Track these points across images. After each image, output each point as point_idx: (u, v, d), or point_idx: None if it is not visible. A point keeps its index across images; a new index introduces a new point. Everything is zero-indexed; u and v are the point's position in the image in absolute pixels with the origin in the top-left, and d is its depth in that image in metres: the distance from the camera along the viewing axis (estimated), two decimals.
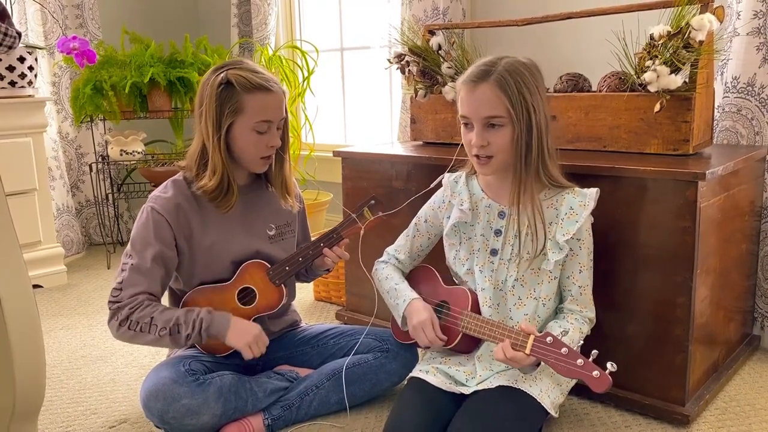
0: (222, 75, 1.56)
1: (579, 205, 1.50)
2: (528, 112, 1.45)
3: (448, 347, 1.58)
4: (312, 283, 2.58)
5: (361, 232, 1.72)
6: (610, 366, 1.30)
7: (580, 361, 1.32)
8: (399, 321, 1.64)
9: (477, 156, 1.50)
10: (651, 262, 1.62)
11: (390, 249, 1.77)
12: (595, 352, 1.32)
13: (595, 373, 1.30)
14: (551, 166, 1.51)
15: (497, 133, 1.47)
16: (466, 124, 1.51)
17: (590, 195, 1.51)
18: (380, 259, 1.77)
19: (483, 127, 1.47)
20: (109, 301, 1.57)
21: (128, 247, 1.61)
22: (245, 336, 1.58)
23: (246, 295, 1.68)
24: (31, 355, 1.15)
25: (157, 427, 1.59)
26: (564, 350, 1.34)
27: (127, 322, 1.54)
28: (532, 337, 1.39)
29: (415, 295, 1.62)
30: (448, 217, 1.65)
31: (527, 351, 1.38)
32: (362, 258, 1.78)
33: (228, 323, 1.58)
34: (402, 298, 1.63)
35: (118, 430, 1.70)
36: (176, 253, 1.62)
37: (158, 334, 1.54)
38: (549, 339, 1.36)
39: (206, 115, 1.57)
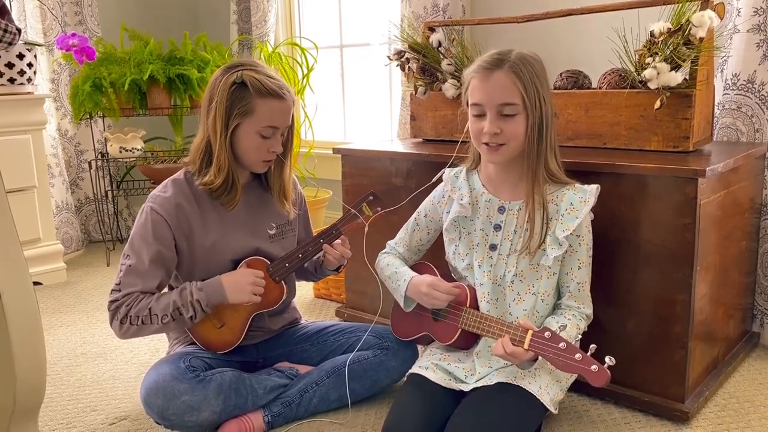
0: (237, 74, 1.56)
1: (579, 201, 1.50)
2: (539, 102, 1.46)
3: (447, 344, 1.58)
4: None
5: (365, 229, 1.72)
6: (609, 360, 1.30)
7: (578, 356, 1.32)
8: (402, 303, 1.64)
9: (487, 144, 1.50)
10: (651, 259, 1.62)
11: (391, 242, 1.78)
12: (593, 346, 1.32)
13: (594, 367, 1.30)
14: (554, 161, 1.51)
15: (510, 122, 1.47)
16: (476, 114, 1.51)
17: (591, 191, 1.51)
18: (383, 251, 1.77)
19: (496, 115, 1.47)
20: (108, 302, 1.57)
21: (126, 247, 1.60)
22: (243, 289, 1.59)
23: None
24: (32, 352, 1.15)
25: (157, 423, 1.59)
26: (562, 345, 1.34)
27: (127, 319, 1.54)
28: (530, 332, 1.39)
29: (414, 273, 1.63)
30: (448, 212, 1.65)
31: (525, 346, 1.38)
32: (365, 252, 1.78)
33: (222, 289, 1.58)
34: (402, 279, 1.63)
35: (118, 426, 1.70)
36: (175, 253, 1.62)
37: (161, 323, 1.55)
38: (547, 334, 1.37)
39: (216, 112, 1.57)
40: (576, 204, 1.50)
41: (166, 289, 1.69)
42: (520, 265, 1.53)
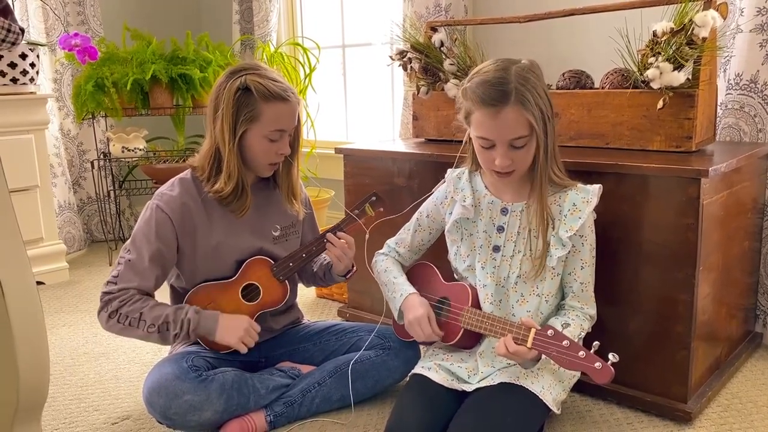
0: (240, 80, 1.55)
1: (582, 201, 1.50)
2: (545, 123, 1.44)
3: (450, 344, 1.58)
4: None
5: (366, 236, 1.72)
6: (612, 357, 1.30)
7: (581, 353, 1.32)
8: (395, 314, 1.64)
9: (497, 171, 1.49)
10: (653, 259, 1.61)
11: (390, 242, 1.77)
12: (596, 343, 1.32)
13: (597, 364, 1.30)
14: (556, 166, 1.51)
15: (521, 151, 1.45)
16: (485, 146, 1.47)
17: (593, 191, 1.51)
18: (380, 251, 1.77)
19: (507, 149, 1.45)
20: (102, 292, 1.57)
21: (129, 241, 1.61)
22: (235, 332, 1.59)
23: (250, 292, 1.69)
24: (35, 351, 1.15)
25: (160, 422, 1.59)
26: (565, 343, 1.34)
27: (117, 315, 1.54)
28: (533, 330, 1.39)
29: (412, 289, 1.63)
30: (450, 213, 1.65)
31: (529, 345, 1.38)
32: (366, 254, 1.78)
33: (215, 323, 1.58)
34: (399, 292, 1.63)
35: (120, 426, 1.70)
36: (177, 252, 1.62)
37: (146, 331, 1.54)
38: (550, 332, 1.37)
39: (222, 120, 1.56)
40: (579, 204, 1.50)
41: (167, 296, 1.69)
42: (524, 266, 1.53)
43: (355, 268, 1.77)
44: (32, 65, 2.72)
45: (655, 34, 1.71)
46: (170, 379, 1.52)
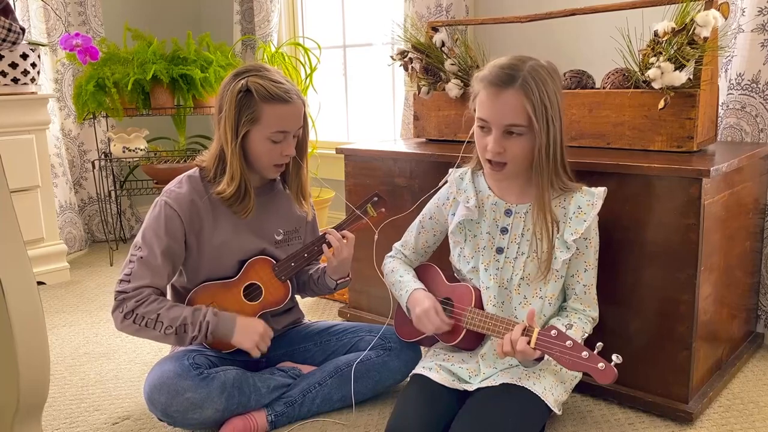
0: (242, 82, 1.56)
1: (587, 204, 1.50)
2: (548, 123, 1.43)
3: (452, 344, 1.58)
4: None
5: (375, 237, 1.72)
6: (616, 358, 1.30)
7: (585, 354, 1.32)
8: (406, 312, 1.64)
9: (490, 161, 1.49)
10: (655, 259, 1.61)
11: (397, 244, 1.77)
12: (600, 344, 1.32)
13: (601, 365, 1.30)
14: (564, 173, 1.50)
15: (515, 141, 1.45)
16: (482, 127, 1.48)
17: (598, 194, 1.51)
18: (388, 254, 1.77)
19: (502, 134, 1.45)
20: (116, 291, 1.57)
21: (138, 238, 1.61)
22: (251, 335, 1.59)
23: (252, 291, 1.69)
24: (35, 351, 1.15)
25: (160, 420, 1.59)
26: (569, 343, 1.34)
27: (133, 315, 1.54)
28: (536, 330, 1.38)
29: (417, 285, 1.63)
30: (453, 214, 1.64)
31: (532, 345, 1.37)
32: (375, 255, 1.77)
33: (233, 325, 1.58)
34: (405, 289, 1.63)
35: (121, 426, 1.70)
36: (184, 249, 1.62)
37: (164, 332, 1.55)
38: (554, 332, 1.36)
39: (225, 121, 1.57)
40: (584, 207, 1.50)
41: (169, 295, 1.69)
42: (527, 268, 1.52)
43: (349, 277, 1.77)
44: (33, 65, 2.72)
45: (656, 33, 1.71)
46: (171, 377, 1.53)
